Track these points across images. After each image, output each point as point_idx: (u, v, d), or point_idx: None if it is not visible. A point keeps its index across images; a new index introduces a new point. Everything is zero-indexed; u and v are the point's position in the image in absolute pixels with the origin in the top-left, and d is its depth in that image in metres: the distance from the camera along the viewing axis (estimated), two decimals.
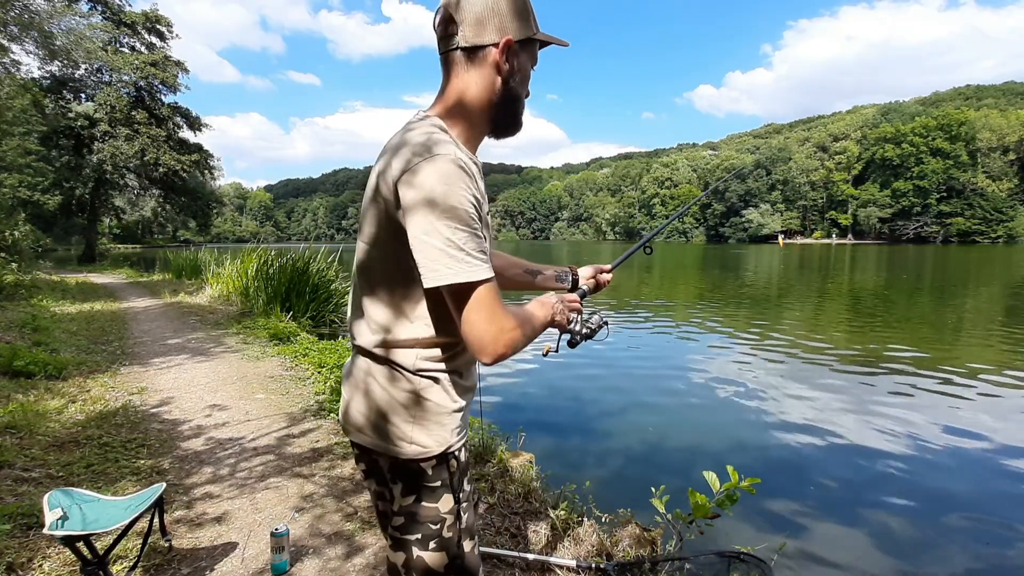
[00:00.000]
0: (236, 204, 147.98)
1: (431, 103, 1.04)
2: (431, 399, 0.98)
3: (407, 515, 1.00)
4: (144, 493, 2.02)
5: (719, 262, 33.66)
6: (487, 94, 0.98)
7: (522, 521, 2.49)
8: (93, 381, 4.57)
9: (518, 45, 0.97)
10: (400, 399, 0.97)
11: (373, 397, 0.99)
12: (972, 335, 8.95)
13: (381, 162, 0.94)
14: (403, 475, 1.00)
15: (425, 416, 0.97)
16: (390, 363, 0.98)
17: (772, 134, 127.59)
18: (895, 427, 4.62)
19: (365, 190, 1.01)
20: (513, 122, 1.05)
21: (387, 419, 0.98)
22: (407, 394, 0.97)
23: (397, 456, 0.98)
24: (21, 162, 17.34)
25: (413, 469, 0.98)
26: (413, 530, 0.99)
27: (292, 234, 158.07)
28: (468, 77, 0.97)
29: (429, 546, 0.99)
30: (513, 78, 0.99)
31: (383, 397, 0.98)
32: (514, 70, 0.99)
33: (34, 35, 13.14)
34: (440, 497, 1.00)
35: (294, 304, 8.27)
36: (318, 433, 3.55)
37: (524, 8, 0.98)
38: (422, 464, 0.98)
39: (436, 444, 0.97)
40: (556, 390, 5.89)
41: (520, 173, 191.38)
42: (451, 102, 0.99)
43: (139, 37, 25.44)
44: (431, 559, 1.00)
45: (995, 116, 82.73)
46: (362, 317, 1.01)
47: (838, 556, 2.82)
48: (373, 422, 0.99)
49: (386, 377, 0.98)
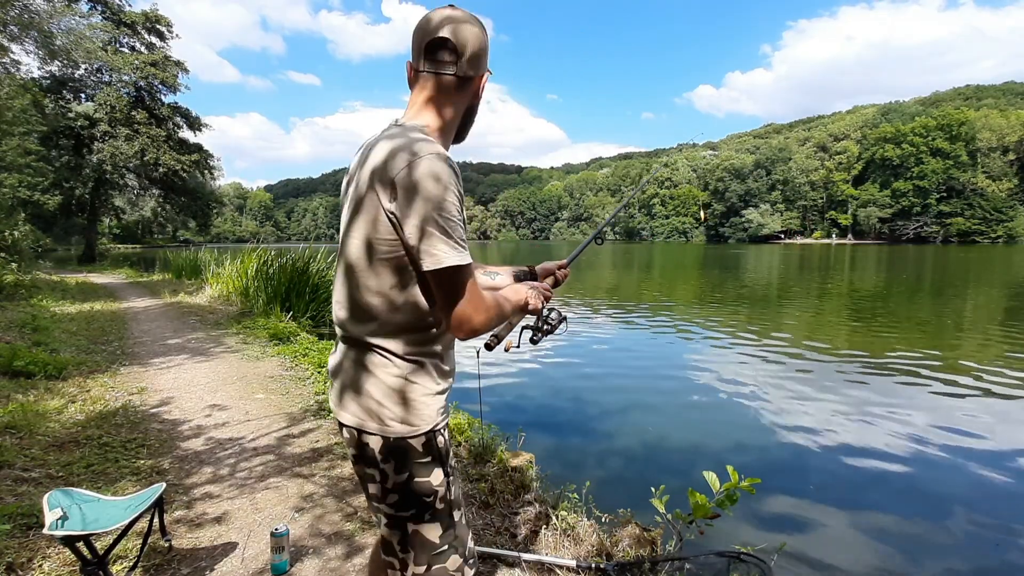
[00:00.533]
0: (236, 204, 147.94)
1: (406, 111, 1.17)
2: (418, 382, 1.07)
3: (401, 492, 1.07)
4: (144, 493, 2.02)
5: (719, 262, 33.66)
6: (458, 114, 1.17)
7: (522, 521, 2.49)
8: (93, 381, 4.57)
9: None
10: (390, 384, 1.05)
11: (364, 383, 1.07)
12: (972, 335, 8.95)
13: (372, 161, 1.03)
14: (395, 454, 1.06)
15: (413, 398, 1.06)
16: (380, 350, 1.06)
17: (772, 134, 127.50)
18: (895, 427, 4.62)
19: (348, 190, 1.13)
20: (466, 132, 1.25)
21: (378, 403, 1.05)
22: (396, 379, 1.06)
23: (389, 436, 1.05)
24: (21, 162, 17.33)
25: (404, 448, 1.06)
26: (409, 505, 1.08)
27: (292, 234, 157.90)
28: (454, 99, 1.14)
29: (424, 518, 1.08)
30: (477, 102, 1.21)
31: (374, 383, 1.06)
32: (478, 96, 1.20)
33: (34, 35, 13.13)
34: (431, 471, 1.08)
35: (294, 304, 8.27)
36: (318, 433, 3.55)
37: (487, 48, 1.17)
38: (411, 442, 1.06)
39: (424, 423, 1.06)
40: (556, 390, 5.89)
41: (520, 173, 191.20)
42: (436, 116, 1.13)
43: (139, 37, 25.42)
44: (427, 531, 1.09)
45: (995, 116, 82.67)
46: (351, 308, 1.09)
47: (838, 556, 2.82)
48: (365, 406, 1.06)
49: (376, 364, 1.06)
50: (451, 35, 1.08)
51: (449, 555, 1.11)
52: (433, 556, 1.10)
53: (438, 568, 1.10)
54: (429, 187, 0.96)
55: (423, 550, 1.09)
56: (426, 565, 1.09)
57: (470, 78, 1.13)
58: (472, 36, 1.10)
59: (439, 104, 1.12)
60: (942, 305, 12.90)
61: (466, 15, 1.12)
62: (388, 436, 1.05)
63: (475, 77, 1.14)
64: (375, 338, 1.06)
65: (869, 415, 4.92)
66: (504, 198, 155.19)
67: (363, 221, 1.04)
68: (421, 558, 1.09)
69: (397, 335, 1.06)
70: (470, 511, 2.58)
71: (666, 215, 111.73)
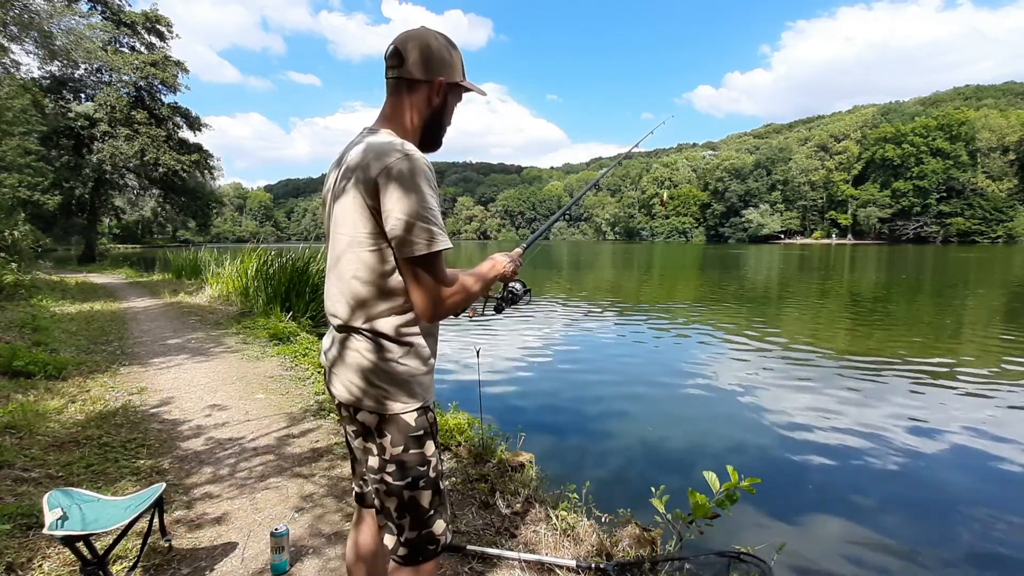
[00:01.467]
0: (236, 204, 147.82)
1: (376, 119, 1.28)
2: (408, 363, 1.18)
3: (398, 463, 1.18)
4: (144, 493, 2.02)
5: (719, 262, 33.66)
6: (419, 118, 1.25)
7: (522, 521, 2.49)
8: (93, 381, 4.57)
9: (448, 86, 1.24)
10: (383, 366, 1.16)
11: (360, 366, 1.17)
12: (972, 336, 8.95)
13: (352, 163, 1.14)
14: (392, 429, 1.17)
15: (405, 377, 1.17)
16: (373, 334, 1.16)
17: (772, 134, 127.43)
18: (895, 427, 4.62)
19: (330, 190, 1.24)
20: (433, 141, 1.31)
21: (373, 384, 1.16)
22: (389, 361, 1.16)
23: (385, 413, 1.17)
24: (21, 162, 17.29)
25: (400, 422, 1.17)
26: (406, 475, 1.19)
27: (292, 234, 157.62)
28: (410, 101, 1.23)
29: (420, 485, 1.20)
30: (441, 110, 1.27)
31: (368, 366, 1.16)
32: (442, 104, 1.26)
33: (34, 35, 13.11)
34: (424, 443, 1.21)
35: (294, 304, 8.26)
36: (318, 433, 3.55)
37: (455, 60, 1.25)
38: (405, 417, 1.17)
39: (416, 400, 1.19)
40: (556, 390, 5.89)
41: (520, 173, 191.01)
42: (395, 121, 1.24)
43: (139, 37, 25.40)
44: (421, 497, 1.21)
45: (995, 116, 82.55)
46: (342, 299, 1.19)
47: (838, 556, 2.82)
48: (362, 387, 1.17)
49: (370, 349, 1.16)
50: (398, 43, 1.22)
51: (436, 519, 1.24)
52: (424, 521, 1.21)
53: (427, 532, 1.22)
54: (407, 182, 1.07)
55: (416, 515, 1.21)
56: (418, 529, 1.21)
57: (418, 81, 1.21)
58: (420, 42, 1.21)
59: (398, 108, 1.24)
60: (942, 305, 12.90)
61: (422, 30, 1.24)
62: (384, 413, 1.17)
63: (426, 81, 1.22)
64: (367, 324, 1.16)
65: (869, 415, 4.92)
66: (504, 198, 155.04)
67: (348, 218, 1.14)
68: (415, 523, 1.21)
69: (386, 320, 1.16)
70: (470, 511, 2.58)
71: (666, 215, 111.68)
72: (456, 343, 8.13)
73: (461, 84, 1.28)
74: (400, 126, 1.23)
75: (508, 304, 1.47)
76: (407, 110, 1.24)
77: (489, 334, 8.94)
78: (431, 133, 1.28)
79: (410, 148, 1.11)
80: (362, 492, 1.41)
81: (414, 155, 1.10)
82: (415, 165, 1.08)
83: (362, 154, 1.12)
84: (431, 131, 1.28)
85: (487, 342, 8.26)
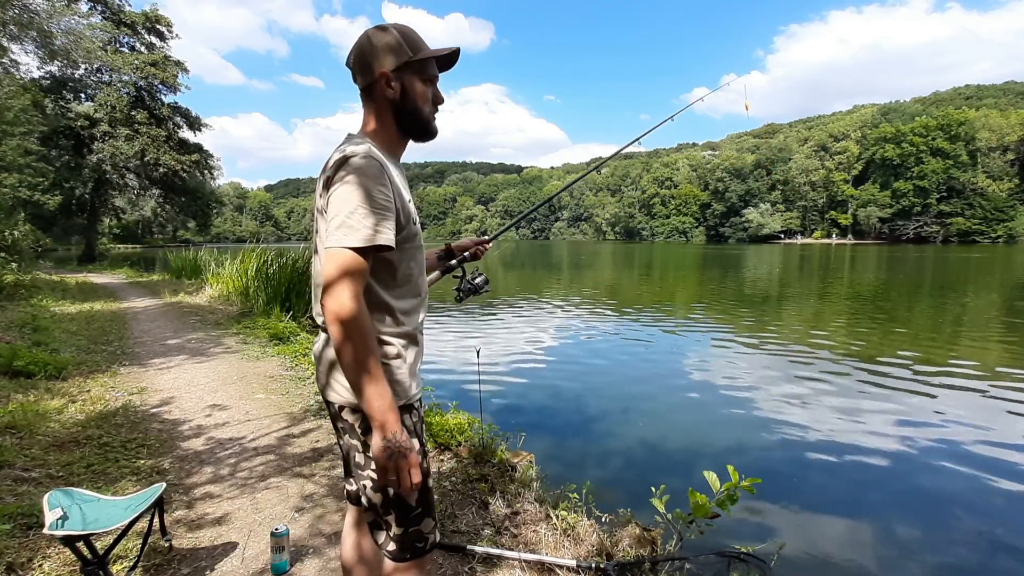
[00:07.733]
0: (236, 204, 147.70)
1: None
2: (390, 362, 1.19)
3: None
4: (144, 493, 2.02)
5: (719, 262, 33.65)
6: (388, 116, 1.26)
7: (522, 521, 2.49)
8: (93, 381, 4.57)
9: (394, 73, 1.21)
10: None
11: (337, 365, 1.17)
12: (972, 336, 8.94)
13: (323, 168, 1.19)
14: None
15: (389, 376, 1.16)
16: None
17: (772, 134, 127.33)
18: (895, 428, 4.62)
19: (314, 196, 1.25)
20: (423, 129, 1.30)
21: None
22: None
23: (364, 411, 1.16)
24: (21, 162, 17.26)
25: None
26: None
27: (292, 234, 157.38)
28: (372, 108, 1.26)
29: None
30: (404, 98, 1.24)
31: None
32: (402, 91, 1.23)
33: (34, 35, 13.11)
34: None
35: (294, 304, 8.26)
36: (318, 433, 3.55)
37: (398, 43, 1.21)
38: None
39: (400, 398, 1.19)
40: (556, 390, 5.88)
41: (520, 173, 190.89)
42: (370, 127, 1.27)
43: (139, 37, 25.39)
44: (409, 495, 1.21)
45: (995, 116, 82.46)
46: (316, 299, 1.20)
47: (838, 556, 2.82)
48: (342, 385, 1.19)
49: None
50: (347, 61, 1.28)
51: (423, 517, 1.25)
52: (411, 518, 1.23)
53: (414, 530, 1.24)
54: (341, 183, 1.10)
55: (403, 512, 1.22)
56: (405, 527, 1.23)
57: (369, 84, 1.24)
58: (356, 50, 1.24)
59: (367, 115, 1.28)
60: (942, 305, 12.89)
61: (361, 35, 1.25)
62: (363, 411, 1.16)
63: (373, 83, 1.23)
64: None
65: (869, 415, 4.92)
66: (504, 198, 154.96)
67: (320, 220, 1.18)
68: (401, 520, 1.23)
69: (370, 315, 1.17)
70: (470, 511, 2.58)
71: (666, 215, 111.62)
72: (456, 343, 8.13)
73: (412, 61, 1.22)
74: (371, 130, 1.26)
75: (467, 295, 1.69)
76: (371, 114, 1.27)
77: (489, 334, 8.95)
78: (409, 123, 1.27)
79: (352, 150, 1.13)
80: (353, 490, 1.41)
81: (352, 158, 1.11)
82: (350, 166, 1.11)
83: (329, 158, 1.19)
84: (408, 121, 1.27)
85: (487, 342, 8.26)
